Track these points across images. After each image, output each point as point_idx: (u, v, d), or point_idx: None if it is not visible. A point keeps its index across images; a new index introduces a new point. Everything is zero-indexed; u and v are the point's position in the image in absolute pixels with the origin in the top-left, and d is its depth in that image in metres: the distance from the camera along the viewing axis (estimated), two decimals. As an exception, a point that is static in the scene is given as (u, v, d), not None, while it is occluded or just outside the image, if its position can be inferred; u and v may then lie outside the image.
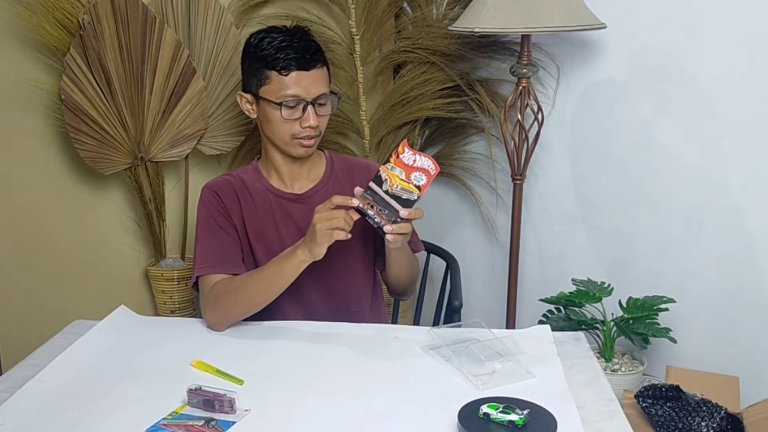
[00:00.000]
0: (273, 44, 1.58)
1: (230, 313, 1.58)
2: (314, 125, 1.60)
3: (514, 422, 1.14)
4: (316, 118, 1.60)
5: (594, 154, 2.30)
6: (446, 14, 2.34)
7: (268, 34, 1.62)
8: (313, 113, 1.60)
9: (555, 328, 1.57)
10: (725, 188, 2.07)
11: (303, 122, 1.60)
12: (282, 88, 1.58)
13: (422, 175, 1.42)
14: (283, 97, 1.58)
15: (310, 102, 1.59)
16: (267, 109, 1.62)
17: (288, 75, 1.58)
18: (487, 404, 1.17)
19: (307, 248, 1.48)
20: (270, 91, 1.60)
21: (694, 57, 2.05)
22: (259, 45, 1.60)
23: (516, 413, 1.14)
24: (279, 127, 1.61)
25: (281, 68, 1.58)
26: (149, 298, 2.52)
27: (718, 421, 1.67)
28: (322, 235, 1.43)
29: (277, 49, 1.58)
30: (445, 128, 2.50)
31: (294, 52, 1.57)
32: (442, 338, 1.46)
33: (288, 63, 1.57)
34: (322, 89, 1.61)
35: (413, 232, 1.78)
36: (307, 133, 1.61)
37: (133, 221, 2.47)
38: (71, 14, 2.13)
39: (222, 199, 1.67)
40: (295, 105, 1.59)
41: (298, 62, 1.58)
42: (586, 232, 2.37)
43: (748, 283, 2.08)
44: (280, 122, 1.60)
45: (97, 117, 2.21)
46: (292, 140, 1.62)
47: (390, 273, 1.69)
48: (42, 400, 1.29)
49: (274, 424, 1.21)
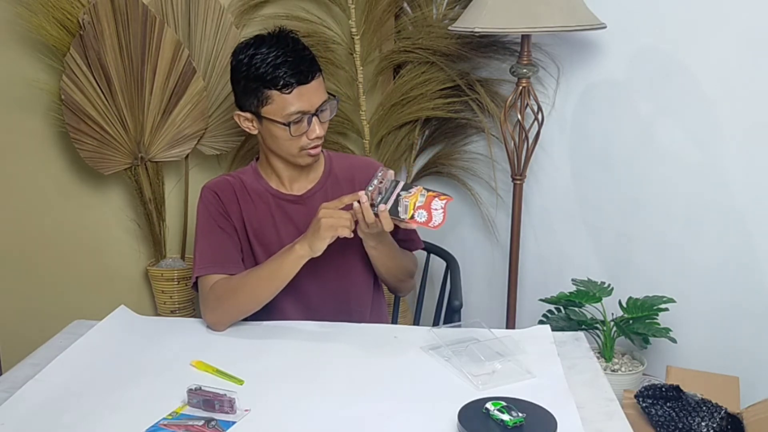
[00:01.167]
0: (267, 62, 1.53)
1: (231, 313, 1.58)
2: (321, 135, 1.59)
3: (504, 422, 1.14)
4: (321, 128, 1.59)
5: (594, 154, 2.30)
6: (446, 14, 2.34)
7: (257, 49, 1.55)
8: (319, 123, 1.58)
9: (555, 328, 1.57)
10: (725, 188, 2.07)
11: (310, 134, 1.58)
12: (286, 107, 1.55)
13: (423, 215, 1.43)
14: (289, 116, 1.55)
15: (314, 113, 1.58)
16: (272, 128, 1.59)
17: (290, 92, 1.54)
18: (492, 402, 1.17)
19: (307, 243, 1.48)
20: (273, 111, 1.56)
21: (694, 57, 2.05)
22: (252, 63, 1.55)
23: (511, 415, 1.14)
24: (286, 143, 1.59)
25: (282, 87, 1.53)
26: (149, 298, 2.52)
27: (718, 421, 1.67)
28: (326, 229, 1.44)
29: (274, 67, 1.53)
30: (445, 128, 2.50)
31: (291, 68, 1.53)
32: (442, 338, 1.46)
33: (288, 81, 1.53)
34: (323, 97, 1.59)
35: (413, 230, 1.79)
36: (315, 144, 1.60)
37: (133, 221, 2.47)
38: (71, 14, 2.13)
39: (221, 199, 1.67)
40: (300, 120, 1.57)
41: (298, 78, 1.54)
42: (586, 232, 2.37)
43: (749, 283, 2.08)
44: (287, 139, 1.58)
45: (97, 117, 2.21)
46: (300, 152, 1.61)
47: (376, 269, 1.70)
48: (42, 400, 1.29)
49: (274, 424, 1.21)
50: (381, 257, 1.65)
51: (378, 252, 1.62)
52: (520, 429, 1.13)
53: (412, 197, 1.44)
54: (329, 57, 2.36)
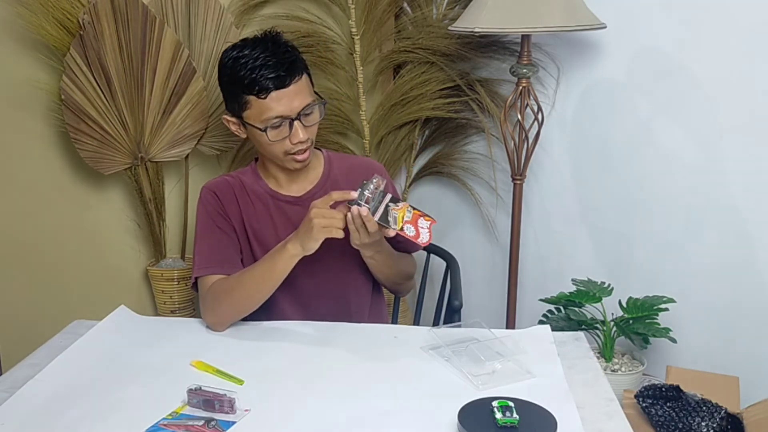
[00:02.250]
0: (247, 66, 1.51)
1: (228, 313, 1.57)
2: (304, 139, 1.56)
3: (495, 419, 1.14)
4: (305, 132, 1.56)
5: (594, 154, 2.30)
6: (446, 14, 2.34)
7: (240, 51, 1.54)
8: (301, 127, 1.55)
9: (555, 328, 1.57)
10: (725, 188, 2.07)
11: (293, 138, 1.55)
12: (263, 112, 1.53)
13: (411, 230, 1.43)
14: (267, 121, 1.53)
15: (295, 117, 1.54)
16: (254, 132, 1.58)
17: (267, 97, 1.51)
18: (498, 401, 1.17)
19: (299, 242, 1.47)
20: (252, 116, 1.55)
21: (694, 57, 2.05)
22: (234, 67, 1.53)
23: (506, 415, 1.14)
24: (269, 148, 1.58)
25: (258, 91, 1.51)
26: (149, 298, 2.52)
27: (718, 421, 1.67)
28: (318, 231, 1.43)
29: (251, 70, 1.50)
30: (445, 128, 2.50)
31: (269, 71, 1.50)
32: (442, 338, 1.46)
33: (264, 85, 1.50)
34: (305, 101, 1.55)
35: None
36: (299, 148, 1.58)
37: (133, 221, 2.47)
38: (71, 14, 2.13)
39: (221, 199, 1.67)
40: (280, 125, 1.54)
41: (275, 82, 1.51)
42: (586, 232, 2.37)
43: (748, 283, 2.08)
44: (269, 144, 1.57)
45: (97, 117, 2.21)
46: (285, 157, 1.59)
47: (374, 275, 1.70)
48: (42, 400, 1.29)
49: (274, 424, 1.21)
50: (379, 266, 1.64)
51: (376, 261, 1.62)
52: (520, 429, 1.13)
53: (400, 211, 1.43)
54: (329, 57, 2.36)
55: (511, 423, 1.13)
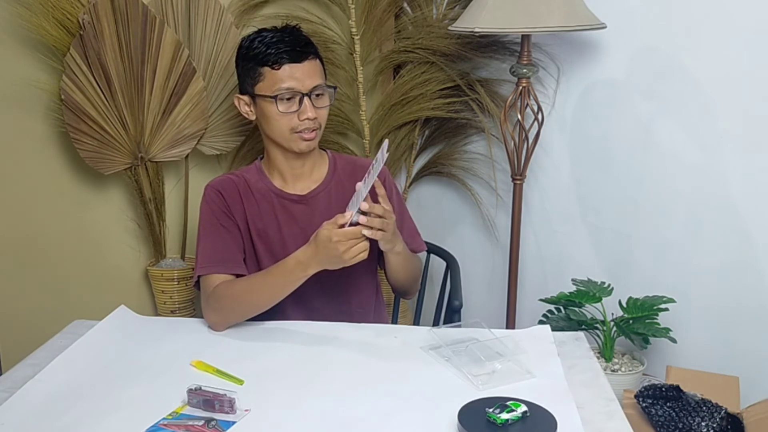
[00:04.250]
0: (264, 41, 1.61)
1: (232, 316, 1.58)
2: (312, 117, 1.60)
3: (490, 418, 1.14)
4: (314, 110, 1.61)
5: (594, 154, 2.30)
6: (446, 14, 2.34)
7: (259, 34, 1.64)
8: (311, 105, 1.60)
9: (555, 328, 1.57)
10: (725, 188, 2.07)
11: (301, 115, 1.60)
12: (276, 82, 1.60)
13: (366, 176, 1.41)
14: (278, 90, 1.59)
15: (306, 94, 1.60)
16: (264, 105, 1.62)
17: (280, 68, 1.59)
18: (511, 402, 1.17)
19: (321, 266, 1.46)
20: (264, 87, 1.61)
21: (694, 57, 2.05)
22: (251, 45, 1.63)
23: (503, 416, 1.14)
24: (277, 122, 1.61)
25: (273, 63, 1.59)
26: (149, 298, 2.52)
27: (718, 421, 1.67)
28: (351, 259, 1.41)
29: (268, 46, 1.60)
30: (445, 128, 2.50)
31: (285, 45, 1.59)
32: (442, 338, 1.46)
33: (279, 57, 1.59)
34: (316, 81, 1.62)
35: (416, 233, 1.78)
36: (306, 126, 1.61)
37: (133, 221, 2.47)
38: (71, 14, 2.13)
39: (225, 198, 1.67)
40: (290, 97, 1.60)
41: (290, 55, 1.59)
42: (586, 232, 2.37)
43: (748, 283, 2.08)
44: (278, 117, 1.61)
45: (97, 117, 2.21)
46: (292, 134, 1.62)
47: (388, 274, 1.69)
48: (42, 400, 1.29)
49: (274, 424, 1.21)
50: (401, 261, 1.63)
51: (400, 256, 1.60)
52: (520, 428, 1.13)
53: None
54: (329, 57, 2.36)
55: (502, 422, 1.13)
